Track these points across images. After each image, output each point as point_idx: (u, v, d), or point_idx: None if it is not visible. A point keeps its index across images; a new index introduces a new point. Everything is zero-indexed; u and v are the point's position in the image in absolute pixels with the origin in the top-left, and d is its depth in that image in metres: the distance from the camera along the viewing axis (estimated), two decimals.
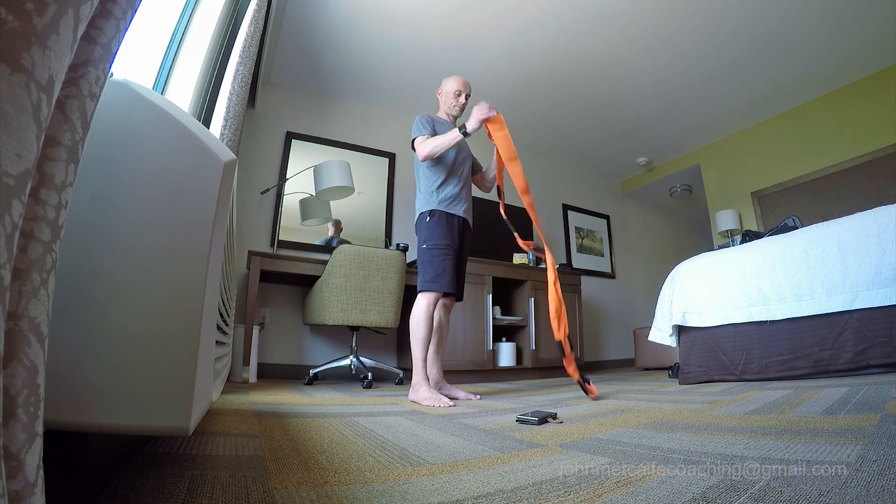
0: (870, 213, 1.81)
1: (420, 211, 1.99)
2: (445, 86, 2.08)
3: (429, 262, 1.88)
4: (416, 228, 2.01)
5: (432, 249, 1.89)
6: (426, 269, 1.89)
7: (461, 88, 2.05)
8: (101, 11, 0.33)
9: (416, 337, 1.83)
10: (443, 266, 1.87)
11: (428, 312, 1.84)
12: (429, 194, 1.96)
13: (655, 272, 5.25)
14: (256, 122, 3.29)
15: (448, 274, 1.87)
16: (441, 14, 2.79)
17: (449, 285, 1.87)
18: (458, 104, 2.06)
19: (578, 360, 3.44)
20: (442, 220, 1.92)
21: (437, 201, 1.94)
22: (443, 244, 1.89)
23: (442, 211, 1.93)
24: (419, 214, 1.99)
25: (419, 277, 1.91)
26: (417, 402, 1.69)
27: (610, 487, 0.61)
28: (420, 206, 1.99)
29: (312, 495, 0.57)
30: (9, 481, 0.24)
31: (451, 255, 1.90)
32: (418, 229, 1.99)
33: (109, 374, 0.46)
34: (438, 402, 1.63)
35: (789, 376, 1.90)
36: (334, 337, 3.14)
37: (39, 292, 0.27)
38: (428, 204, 1.95)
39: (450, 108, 2.07)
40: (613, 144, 4.55)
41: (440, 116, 2.10)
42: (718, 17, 2.81)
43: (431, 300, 1.86)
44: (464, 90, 2.05)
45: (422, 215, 1.97)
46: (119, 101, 0.52)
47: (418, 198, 2.02)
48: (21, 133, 0.23)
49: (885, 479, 0.55)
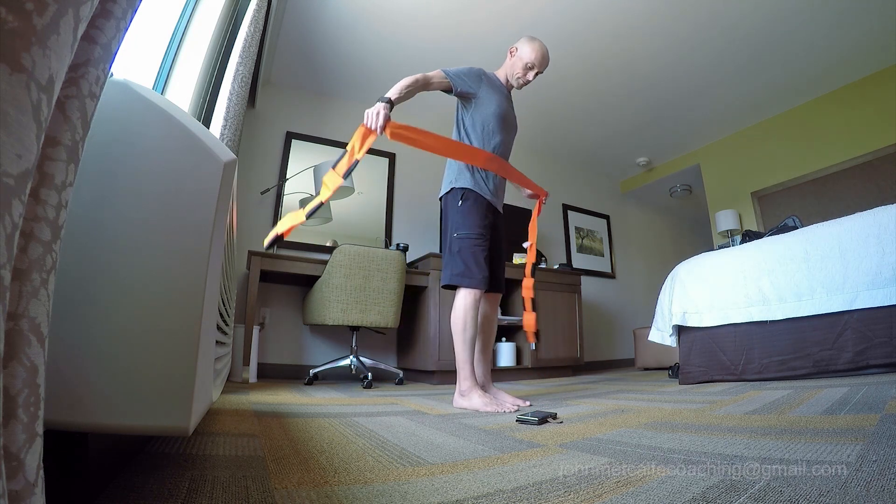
0: (870, 213, 1.81)
1: (452, 187, 1.71)
2: (522, 49, 1.77)
3: (459, 253, 1.64)
4: (445, 208, 1.75)
5: (464, 239, 1.65)
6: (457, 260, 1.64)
7: (535, 64, 1.75)
8: (101, 11, 0.33)
9: (463, 338, 1.58)
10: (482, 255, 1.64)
11: (474, 310, 1.60)
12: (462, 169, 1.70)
13: (655, 272, 5.25)
14: (256, 122, 3.29)
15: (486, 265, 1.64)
16: (441, 14, 2.79)
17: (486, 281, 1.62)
18: (525, 78, 1.78)
19: (578, 359, 3.44)
20: (480, 204, 1.68)
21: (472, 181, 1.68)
22: (472, 233, 1.65)
23: (476, 192, 1.68)
24: (450, 190, 1.72)
25: (448, 270, 1.66)
26: (472, 409, 1.50)
27: (610, 487, 0.61)
28: (451, 181, 1.71)
29: (312, 495, 0.57)
30: (9, 481, 0.24)
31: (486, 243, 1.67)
32: (449, 209, 1.73)
33: (109, 374, 0.46)
34: (501, 408, 1.45)
35: (789, 376, 1.90)
36: (334, 337, 3.14)
37: (39, 292, 0.27)
38: (459, 180, 1.69)
39: (513, 75, 1.80)
40: (613, 144, 4.55)
41: (499, 77, 1.83)
42: (718, 17, 2.80)
43: (477, 295, 1.62)
44: (538, 67, 1.77)
45: (455, 192, 1.70)
46: (119, 101, 0.52)
47: (448, 171, 1.76)
48: (21, 133, 0.23)
49: (885, 479, 0.55)
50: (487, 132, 1.73)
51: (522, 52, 1.77)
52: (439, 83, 1.67)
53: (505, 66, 1.84)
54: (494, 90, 1.77)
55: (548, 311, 3.34)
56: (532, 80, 1.78)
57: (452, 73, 1.69)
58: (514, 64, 1.79)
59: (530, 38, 1.80)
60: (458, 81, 1.69)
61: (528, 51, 1.76)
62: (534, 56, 1.75)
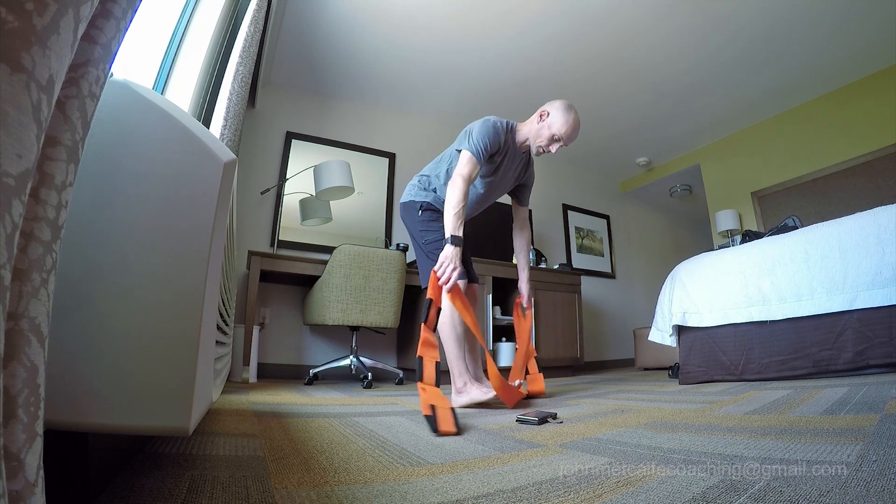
0: (870, 213, 1.81)
1: (412, 199, 1.78)
2: (554, 118, 1.64)
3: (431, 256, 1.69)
4: (405, 215, 1.81)
5: (432, 243, 1.72)
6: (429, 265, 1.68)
7: (564, 139, 1.64)
8: (101, 11, 0.33)
9: (453, 335, 1.60)
10: None
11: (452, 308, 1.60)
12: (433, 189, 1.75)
13: (655, 272, 5.25)
14: (256, 122, 3.29)
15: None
16: (441, 15, 2.79)
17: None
18: (546, 149, 1.68)
19: (578, 359, 3.44)
20: (435, 215, 1.74)
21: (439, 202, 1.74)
22: (441, 237, 1.68)
23: (437, 210, 1.75)
24: (410, 201, 1.79)
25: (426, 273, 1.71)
26: (472, 402, 1.51)
27: (610, 487, 0.61)
28: (413, 193, 1.78)
29: (312, 495, 0.57)
30: (9, 481, 0.24)
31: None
32: (409, 218, 1.78)
33: (109, 374, 0.46)
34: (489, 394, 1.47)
35: (789, 376, 1.90)
36: (334, 337, 3.14)
37: (39, 292, 0.27)
38: (426, 196, 1.75)
39: (535, 142, 1.69)
40: (613, 144, 4.55)
41: (519, 135, 1.73)
42: (718, 17, 2.80)
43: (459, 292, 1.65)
44: (566, 141, 1.65)
45: (413, 204, 1.77)
46: (119, 101, 0.52)
47: (420, 181, 1.80)
48: (21, 133, 0.23)
49: (885, 479, 0.55)
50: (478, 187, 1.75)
51: (555, 121, 1.63)
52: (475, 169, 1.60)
53: (530, 126, 1.71)
54: (505, 157, 1.71)
55: (548, 311, 3.34)
56: (554, 152, 1.68)
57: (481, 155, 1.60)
58: (540, 131, 1.66)
59: (567, 106, 1.65)
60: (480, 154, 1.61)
61: (560, 123, 1.62)
62: (565, 130, 1.62)
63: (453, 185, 1.55)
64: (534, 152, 1.73)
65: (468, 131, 1.65)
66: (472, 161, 1.57)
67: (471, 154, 1.58)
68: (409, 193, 1.83)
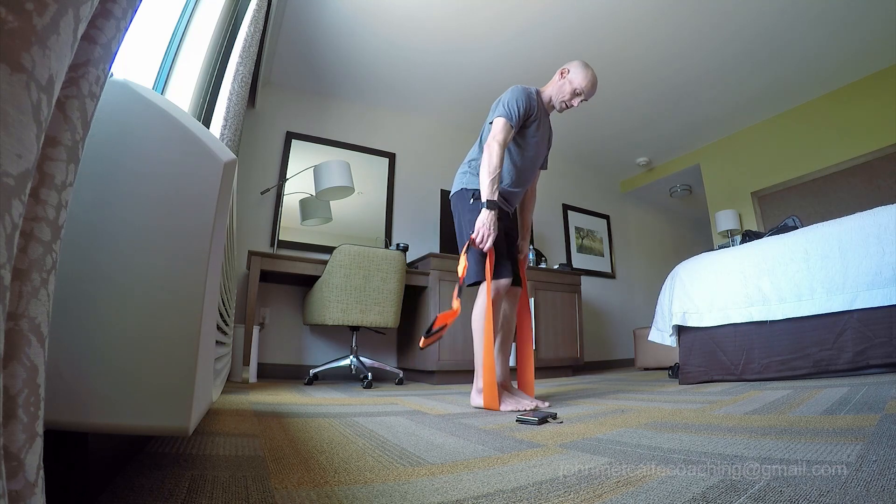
0: (870, 213, 1.81)
1: (463, 187, 1.71)
2: (574, 74, 1.70)
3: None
4: (458, 204, 1.74)
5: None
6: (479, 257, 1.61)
7: (585, 91, 1.70)
8: (101, 11, 0.33)
9: (483, 334, 1.54)
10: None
11: (496, 305, 1.57)
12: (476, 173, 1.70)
13: (655, 272, 5.25)
14: (256, 122, 3.29)
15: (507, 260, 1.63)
16: (441, 15, 2.79)
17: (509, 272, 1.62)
18: (570, 103, 1.73)
19: (578, 359, 3.43)
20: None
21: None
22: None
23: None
24: (462, 189, 1.72)
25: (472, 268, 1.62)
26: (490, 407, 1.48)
27: (610, 487, 0.61)
28: (466, 181, 1.71)
29: (312, 495, 0.57)
30: (9, 481, 0.24)
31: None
32: (461, 207, 1.71)
33: (109, 373, 0.46)
34: (520, 406, 1.45)
35: (789, 376, 1.90)
36: (334, 337, 3.14)
37: (40, 292, 0.27)
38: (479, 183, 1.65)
39: (558, 98, 1.73)
40: (613, 144, 4.55)
41: (544, 95, 1.77)
42: (718, 17, 2.80)
43: (500, 290, 1.60)
44: (586, 95, 1.71)
45: (465, 193, 1.70)
46: (119, 101, 0.52)
47: (471, 166, 1.73)
48: (21, 133, 0.23)
49: (885, 479, 0.55)
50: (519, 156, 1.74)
51: (575, 76, 1.70)
52: (509, 133, 1.62)
53: (552, 85, 1.77)
54: (535, 117, 1.73)
55: (548, 310, 3.34)
56: (576, 106, 1.73)
57: (515, 118, 1.62)
58: (562, 87, 1.73)
59: (584, 64, 1.73)
60: (513, 117, 1.63)
61: (580, 77, 1.69)
62: (585, 83, 1.69)
63: (489, 150, 1.57)
64: (557, 108, 1.77)
65: (499, 101, 1.69)
66: (506, 126, 1.60)
67: (505, 119, 1.61)
68: (461, 181, 1.75)
